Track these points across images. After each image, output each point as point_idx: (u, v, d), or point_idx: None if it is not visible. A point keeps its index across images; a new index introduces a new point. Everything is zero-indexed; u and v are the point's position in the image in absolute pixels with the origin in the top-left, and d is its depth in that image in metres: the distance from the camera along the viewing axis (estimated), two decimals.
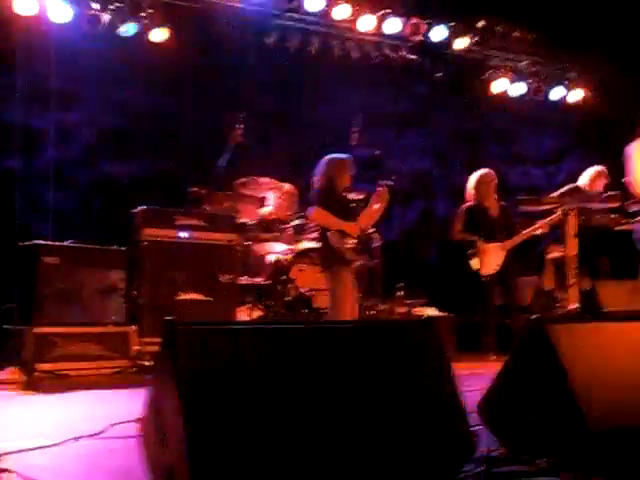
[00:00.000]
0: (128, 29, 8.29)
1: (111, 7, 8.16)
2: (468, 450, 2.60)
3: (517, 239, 7.98)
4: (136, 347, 6.32)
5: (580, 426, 2.57)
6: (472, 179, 8.21)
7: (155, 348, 5.74)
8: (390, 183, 6.50)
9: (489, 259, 7.92)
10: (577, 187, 8.05)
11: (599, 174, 8.12)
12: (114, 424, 3.55)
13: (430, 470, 2.52)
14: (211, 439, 2.17)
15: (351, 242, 6.10)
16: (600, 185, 8.09)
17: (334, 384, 2.45)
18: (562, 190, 8.08)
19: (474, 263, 7.88)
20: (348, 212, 6.30)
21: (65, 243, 6.42)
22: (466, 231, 8.04)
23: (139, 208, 6.76)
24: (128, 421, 3.43)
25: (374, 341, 2.60)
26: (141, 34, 8.39)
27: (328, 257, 6.17)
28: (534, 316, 2.93)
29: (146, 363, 6.29)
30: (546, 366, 2.75)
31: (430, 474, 2.53)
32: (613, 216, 7.91)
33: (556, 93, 10.75)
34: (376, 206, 6.40)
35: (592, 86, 10.83)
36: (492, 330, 7.93)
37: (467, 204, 8.11)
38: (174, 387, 2.24)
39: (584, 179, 8.19)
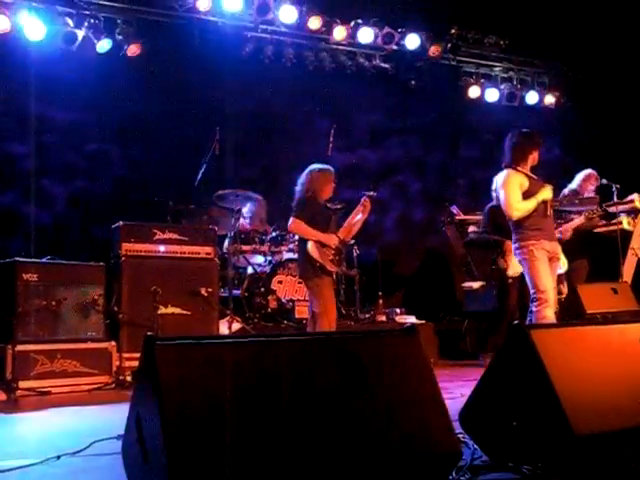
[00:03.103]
0: (103, 45, 8.27)
1: (86, 24, 8.14)
2: (454, 457, 2.60)
3: None
4: (116, 363, 6.29)
5: (565, 431, 2.57)
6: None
7: (135, 363, 5.71)
8: (373, 194, 6.52)
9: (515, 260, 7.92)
10: (576, 191, 8.04)
11: (589, 177, 8.14)
12: (96, 441, 3.52)
13: (417, 477, 2.52)
14: (192, 454, 2.16)
15: (330, 253, 6.10)
16: (591, 187, 8.10)
17: (317, 395, 2.44)
18: (563, 194, 8.08)
19: (501, 263, 7.84)
20: (330, 222, 6.30)
21: (43, 260, 6.38)
22: (491, 231, 7.97)
23: (118, 223, 6.73)
24: (110, 438, 3.41)
25: (356, 351, 2.59)
26: (116, 50, 8.37)
27: (307, 268, 6.16)
28: (516, 321, 2.92)
29: (127, 378, 6.25)
30: (529, 371, 2.76)
31: None
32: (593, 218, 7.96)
33: (530, 98, 10.83)
34: (358, 217, 6.41)
35: (565, 90, 10.93)
36: (504, 331, 7.90)
37: (491, 204, 8.03)
38: (155, 403, 2.22)
39: (575, 182, 8.19)
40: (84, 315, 6.28)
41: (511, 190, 5.85)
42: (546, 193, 5.83)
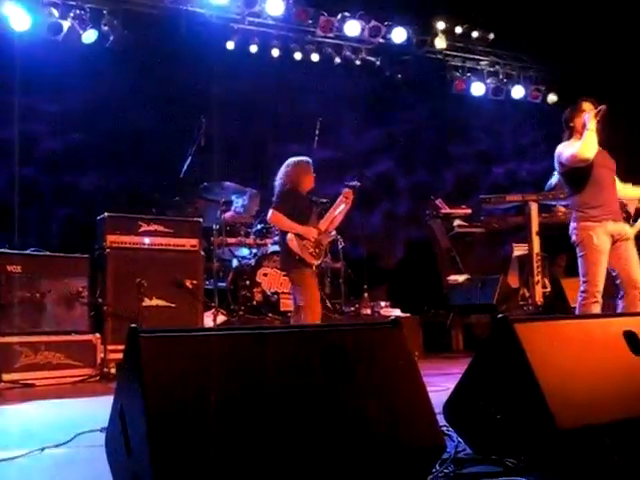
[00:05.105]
0: (89, 36, 8.21)
1: (72, 15, 8.08)
2: (438, 450, 2.60)
3: None
4: (101, 355, 6.28)
5: (548, 425, 2.58)
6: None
7: (120, 355, 5.70)
8: (356, 184, 6.52)
9: None
10: (561, 184, 8.02)
11: None
12: (80, 433, 3.51)
13: (399, 471, 2.52)
14: (176, 447, 2.15)
15: (309, 245, 6.10)
16: None
17: (301, 387, 2.44)
18: (548, 186, 8.09)
19: None
20: (310, 215, 6.30)
21: (27, 251, 6.35)
22: None
23: (102, 215, 6.71)
24: (94, 430, 3.40)
25: (341, 344, 2.59)
26: (102, 41, 8.31)
27: (287, 260, 6.17)
28: (499, 315, 2.93)
29: (111, 371, 6.24)
30: (513, 365, 2.76)
31: (400, 474, 2.53)
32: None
33: (516, 92, 10.86)
34: (340, 208, 6.40)
35: (551, 85, 10.97)
36: None
37: None
38: (139, 395, 2.21)
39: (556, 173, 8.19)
40: (68, 307, 6.26)
41: (567, 144, 5.57)
42: (592, 121, 5.41)
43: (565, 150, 5.53)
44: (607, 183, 5.56)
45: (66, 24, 8.04)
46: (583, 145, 5.37)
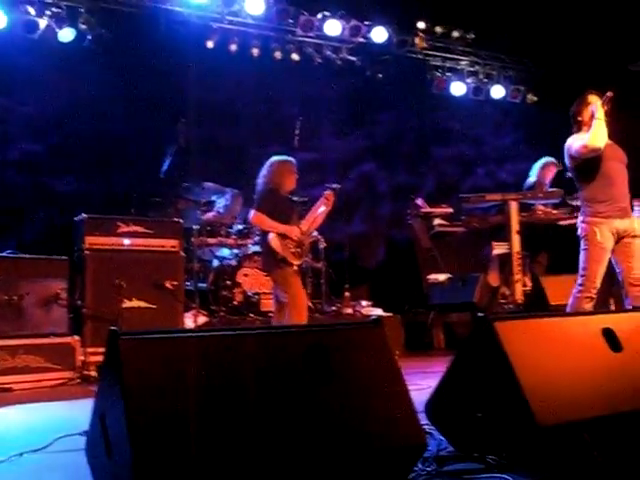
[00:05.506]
0: (65, 34, 8.15)
1: (48, 13, 8.01)
2: (419, 448, 2.61)
3: None
4: (80, 358, 6.23)
5: (529, 422, 2.60)
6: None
7: (100, 358, 5.65)
8: (337, 186, 6.53)
9: None
10: (539, 182, 8.04)
11: (547, 164, 8.16)
12: (60, 437, 3.48)
13: (381, 469, 2.52)
14: (157, 449, 2.14)
15: (291, 245, 6.10)
16: (549, 175, 8.13)
17: (283, 388, 2.43)
18: (526, 186, 8.13)
19: None
20: (292, 215, 6.29)
21: (4, 253, 6.29)
22: None
23: (81, 216, 6.66)
24: (74, 434, 3.37)
25: (322, 344, 2.59)
26: (79, 39, 8.25)
27: (269, 260, 6.16)
28: (480, 313, 2.94)
29: (91, 373, 6.19)
30: (493, 363, 2.78)
31: (383, 473, 2.53)
32: (555, 211, 8.04)
33: (496, 92, 10.90)
34: (321, 209, 6.40)
35: (531, 85, 11.02)
36: None
37: None
38: (119, 398, 2.20)
39: (534, 171, 8.21)
40: (47, 310, 6.20)
41: (576, 137, 5.51)
42: (600, 110, 5.37)
43: (575, 142, 5.46)
44: (617, 177, 5.49)
45: (42, 22, 7.97)
46: (593, 134, 5.31)
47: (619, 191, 5.47)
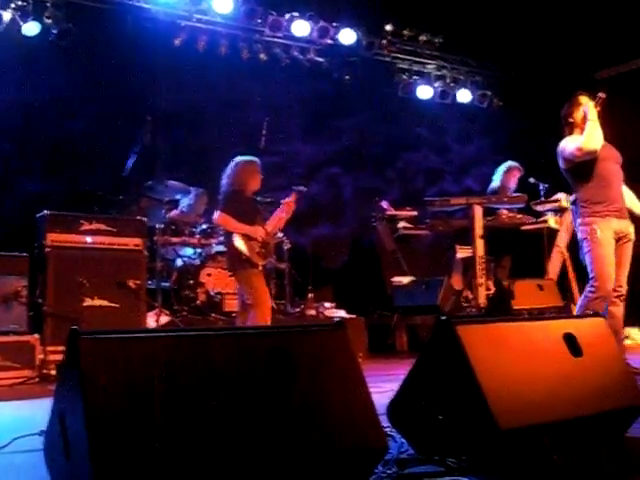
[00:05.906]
0: (30, 28, 8.03)
1: (13, 5, 7.89)
2: (380, 451, 2.61)
3: None
4: (40, 356, 6.14)
5: (489, 425, 2.61)
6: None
7: (60, 357, 5.59)
8: (303, 189, 6.54)
9: None
10: (503, 187, 8.08)
11: (511, 169, 8.23)
12: (17, 437, 3.42)
13: (342, 471, 2.53)
14: (117, 450, 2.12)
15: (256, 245, 6.09)
16: (513, 179, 8.20)
17: (245, 389, 2.42)
18: (490, 190, 8.19)
19: None
20: (257, 215, 6.29)
21: None
22: None
23: (43, 212, 6.58)
24: (32, 434, 3.32)
25: (286, 346, 2.59)
26: (45, 34, 8.14)
27: (234, 261, 6.15)
28: (442, 317, 2.95)
29: (51, 372, 6.12)
30: (455, 366, 2.79)
31: (343, 475, 2.53)
32: (519, 216, 8.13)
33: (463, 96, 10.97)
34: (286, 210, 6.41)
35: (498, 90, 11.13)
36: None
37: None
38: (79, 398, 2.17)
39: (498, 175, 8.27)
40: (6, 307, 6.11)
41: (569, 139, 5.48)
42: (592, 112, 5.32)
43: (568, 145, 5.41)
44: (613, 178, 5.45)
45: (7, 15, 7.85)
46: (587, 136, 5.25)
47: (615, 192, 5.44)
